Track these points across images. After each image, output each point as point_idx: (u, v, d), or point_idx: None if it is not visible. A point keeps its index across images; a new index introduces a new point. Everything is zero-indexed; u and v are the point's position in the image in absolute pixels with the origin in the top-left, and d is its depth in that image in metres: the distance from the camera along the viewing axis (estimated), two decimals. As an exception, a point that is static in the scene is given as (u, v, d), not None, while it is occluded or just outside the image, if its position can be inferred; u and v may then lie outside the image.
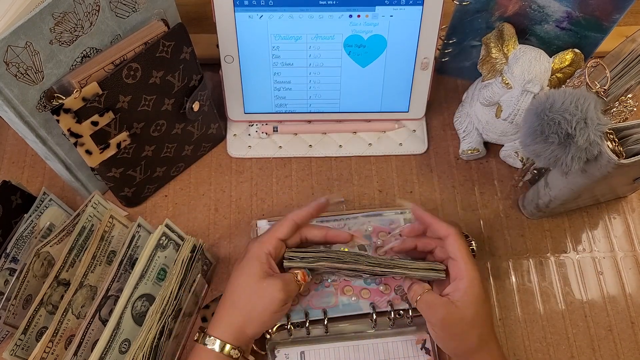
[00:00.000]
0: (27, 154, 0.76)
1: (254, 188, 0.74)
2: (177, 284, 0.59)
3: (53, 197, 0.64)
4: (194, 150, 0.73)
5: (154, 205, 0.73)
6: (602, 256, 0.70)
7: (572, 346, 0.65)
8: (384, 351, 0.62)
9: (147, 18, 0.60)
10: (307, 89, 0.73)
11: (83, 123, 0.57)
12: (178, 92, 0.64)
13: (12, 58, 0.50)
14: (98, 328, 0.58)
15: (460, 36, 0.72)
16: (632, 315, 0.67)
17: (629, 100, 0.64)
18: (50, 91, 0.56)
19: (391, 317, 0.62)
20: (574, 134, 0.53)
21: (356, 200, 0.73)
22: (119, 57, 0.57)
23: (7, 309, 0.58)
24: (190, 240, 0.61)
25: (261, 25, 0.67)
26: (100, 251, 0.61)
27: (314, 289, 0.64)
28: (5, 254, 0.60)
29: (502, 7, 0.66)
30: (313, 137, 0.77)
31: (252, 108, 0.75)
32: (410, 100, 0.75)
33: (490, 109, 0.69)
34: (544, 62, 0.63)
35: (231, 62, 0.70)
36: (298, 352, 0.62)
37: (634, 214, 0.73)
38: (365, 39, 0.68)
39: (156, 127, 0.65)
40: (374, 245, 0.66)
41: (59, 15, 0.52)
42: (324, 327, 0.62)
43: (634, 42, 0.60)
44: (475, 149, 0.74)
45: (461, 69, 0.79)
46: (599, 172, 0.57)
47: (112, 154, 0.62)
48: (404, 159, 0.76)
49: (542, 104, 0.55)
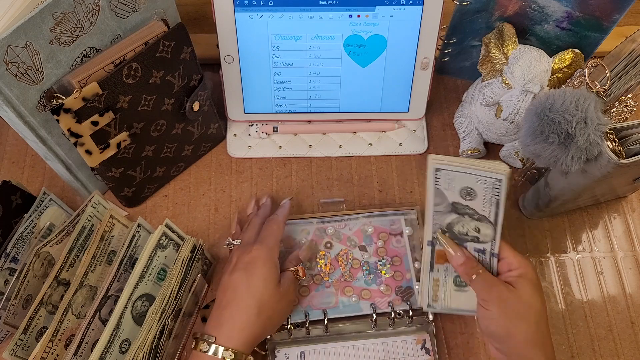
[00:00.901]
0: (27, 154, 0.76)
1: (254, 188, 0.74)
2: (177, 284, 0.59)
3: (53, 197, 0.64)
4: (194, 150, 0.73)
5: (154, 205, 0.73)
6: (602, 256, 0.70)
7: (572, 346, 0.65)
8: (384, 351, 0.63)
9: (147, 18, 0.60)
10: (307, 89, 0.73)
11: (83, 123, 0.57)
12: (178, 92, 0.64)
13: (12, 58, 0.50)
14: (98, 328, 0.58)
15: (460, 36, 0.72)
16: (632, 315, 0.67)
17: (629, 100, 0.64)
18: (50, 91, 0.56)
19: (391, 317, 0.62)
20: (574, 134, 0.53)
21: (356, 200, 0.73)
22: (119, 57, 0.57)
23: (7, 309, 0.58)
24: (190, 240, 0.61)
25: (261, 25, 0.67)
26: (100, 251, 0.61)
27: (315, 290, 0.64)
28: (5, 254, 0.60)
29: (502, 7, 0.66)
30: (313, 137, 0.77)
31: (252, 108, 0.75)
32: (410, 100, 0.75)
33: (490, 109, 0.69)
34: (544, 62, 0.63)
35: (231, 62, 0.70)
36: (298, 352, 0.62)
37: (634, 214, 0.73)
38: (365, 39, 0.68)
39: (156, 127, 0.65)
40: (375, 248, 0.66)
41: (59, 15, 0.52)
42: (324, 327, 0.62)
43: (634, 42, 0.60)
44: (475, 149, 0.74)
45: (461, 69, 0.79)
46: (599, 172, 0.57)
47: (112, 154, 0.62)
48: (404, 159, 0.76)
49: (542, 104, 0.55)
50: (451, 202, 0.55)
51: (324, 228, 0.67)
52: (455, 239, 0.57)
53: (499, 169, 0.52)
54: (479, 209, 0.55)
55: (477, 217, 0.55)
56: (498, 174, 0.52)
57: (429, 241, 0.57)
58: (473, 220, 0.55)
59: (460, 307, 0.59)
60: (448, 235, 0.57)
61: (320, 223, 0.68)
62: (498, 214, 0.54)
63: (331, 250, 0.66)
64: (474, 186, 0.54)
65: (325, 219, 0.68)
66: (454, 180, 0.54)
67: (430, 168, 0.54)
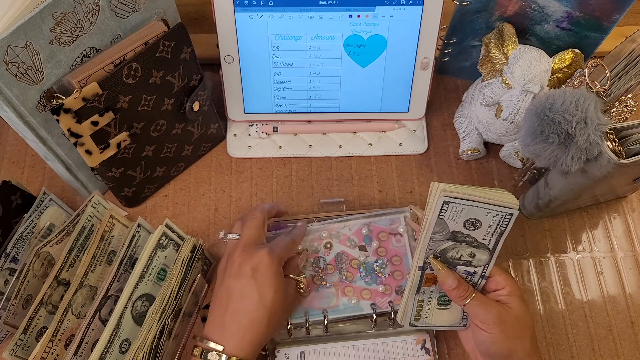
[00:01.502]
0: (27, 154, 0.76)
1: (254, 188, 0.74)
2: (177, 284, 0.59)
3: (53, 197, 0.64)
4: (194, 150, 0.73)
5: (154, 205, 0.73)
6: (602, 256, 0.70)
7: (572, 346, 0.65)
8: (384, 351, 0.62)
9: (147, 18, 0.60)
10: (307, 89, 0.73)
11: (83, 123, 0.57)
12: (178, 92, 0.64)
13: (12, 58, 0.50)
14: (98, 328, 0.58)
15: (460, 36, 0.72)
16: (632, 315, 0.67)
17: (629, 100, 0.64)
18: (50, 91, 0.56)
19: (391, 317, 0.62)
20: (574, 134, 0.53)
21: (356, 200, 0.73)
22: (119, 57, 0.57)
23: (7, 309, 0.58)
24: (190, 240, 0.61)
25: (261, 25, 0.67)
26: (100, 251, 0.61)
27: (315, 290, 0.64)
28: (5, 254, 0.60)
29: (502, 7, 0.66)
30: (313, 137, 0.77)
31: (252, 108, 0.75)
32: (410, 100, 0.75)
33: (490, 109, 0.69)
34: (544, 62, 0.63)
35: (231, 62, 0.70)
36: (298, 352, 0.62)
37: (634, 214, 0.73)
38: (365, 39, 0.68)
39: (156, 127, 0.65)
40: (375, 247, 0.66)
41: (59, 15, 0.52)
42: (324, 327, 0.62)
43: (634, 42, 0.60)
44: (475, 149, 0.74)
45: (461, 69, 0.79)
46: (599, 172, 0.57)
47: (112, 154, 0.62)
48: (404, 159, 0.76)
49: (542, 104, 0.55)
50: (451, 231, 0.53)
51: (323, 229, 0.67)
52: (447, 263, 0.55)
53: (511, 202, 0.51)
54: (479, 237, 0.54)
55: (474, 245, 0.54)
56: (510, 209, 0.51)
57: (420, 266, 0.56)
58: (470, 247, 0.54)
59: (443, 323, 0.59)
60: (440, 259, 0.55)
61: (320, 223, 0.68)
62: (498, 242, 0.54)
63: (331, 250, 0.66)
64: (481, 218, 0.52)
65: (325, 219, 0.68)
66: (461, 212, 0.52)
67: (437, 199, 0.51)
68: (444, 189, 0.51)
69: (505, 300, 0.54)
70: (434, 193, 0.52)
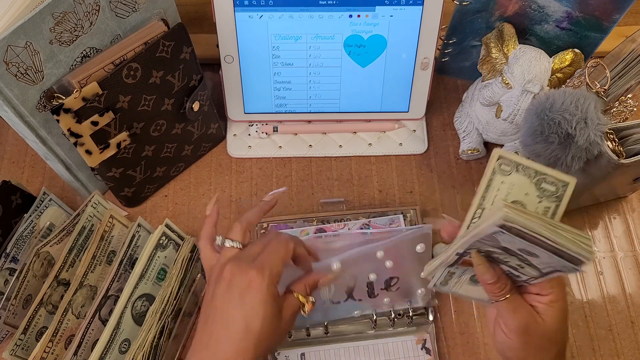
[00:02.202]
0: (27, 154, 0.76)
1: (254, 188, 0.74)
2: (177, 284, 0.59)
3: (53, 197, 0.64)
4: (194, 150, 0.73)
5: (154, 205, 0.73)
6: (602, 256, 0.70)
7: (572, 346, 0.65)
8: (384, 351, 0.63)
9: (147, 18, 0.60)
10: (307, 89, 0.73)
11: (83, 123, 0.57)
12: (178, 92, 0.64)
13: (12, 58, 0.50)
14: (98, 328, 0.58)
15: (460, 36, 0.72)
16: (632, 315, 0.67)
17: (629, 100, 0.64)
18: (50, 91, 0.56)
19: (391, 317, 0.62)
20: (574, 134, 0.53)
21: (356, 200, 0.73)
22: (119, 57, 0.58)
23: (7, 309, 0.58)
24: (190, 240, 0.61)
25: (261, 25, 0.67)
26: (100, 251, 0.61)
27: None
28: (5, 254, 0.60)
29: (502, 7, 0.66)
30: (313, 137, 0.77)
31: (252, 108, 0.75)
32: (410, 100, 0.75)
33: (490, 109, 0.69)
34: (544, 62, 0.63)
35: (231, 62, 0.70)
36: (298, 354, 0.62)
37: (634, 214, 0.72)
38: (365, 39, 0.68)
39: (156, 127, 0.65)
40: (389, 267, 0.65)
41: (59, 15, 0.52)
42: (324, 328, 0.62)
43: (634, 42, 0.60)
44: (475, 149, 0.74)
45: (461, 69, 0.79)
46: (599, 172, 0.57)
47: (112, 154, 0.62)
48: (404, 159, 0.76)
49: (542, 104, 0.55)
50: (503, 246, 0.43)
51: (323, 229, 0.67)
52: (490, 260, 0.47)
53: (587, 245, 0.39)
54: (534, 262, 0.44)
55: (527, 263, 0.44)
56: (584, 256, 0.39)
57: (459, 253, 0.47)
58: (521, 261, 0.45)
59: (471, 295, 0.52)
60: (483, 255, 0.47)
61: (320, 223, 0.68)
62: (553, 273, 0.44)
63: None
64: (541, 255, 0.41)
65: (326, 219, 0.68)
66: (520, 242, 0.41)
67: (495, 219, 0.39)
68: (505, 216, 0.38)
69: (542, 310, 0.47)
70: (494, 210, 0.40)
